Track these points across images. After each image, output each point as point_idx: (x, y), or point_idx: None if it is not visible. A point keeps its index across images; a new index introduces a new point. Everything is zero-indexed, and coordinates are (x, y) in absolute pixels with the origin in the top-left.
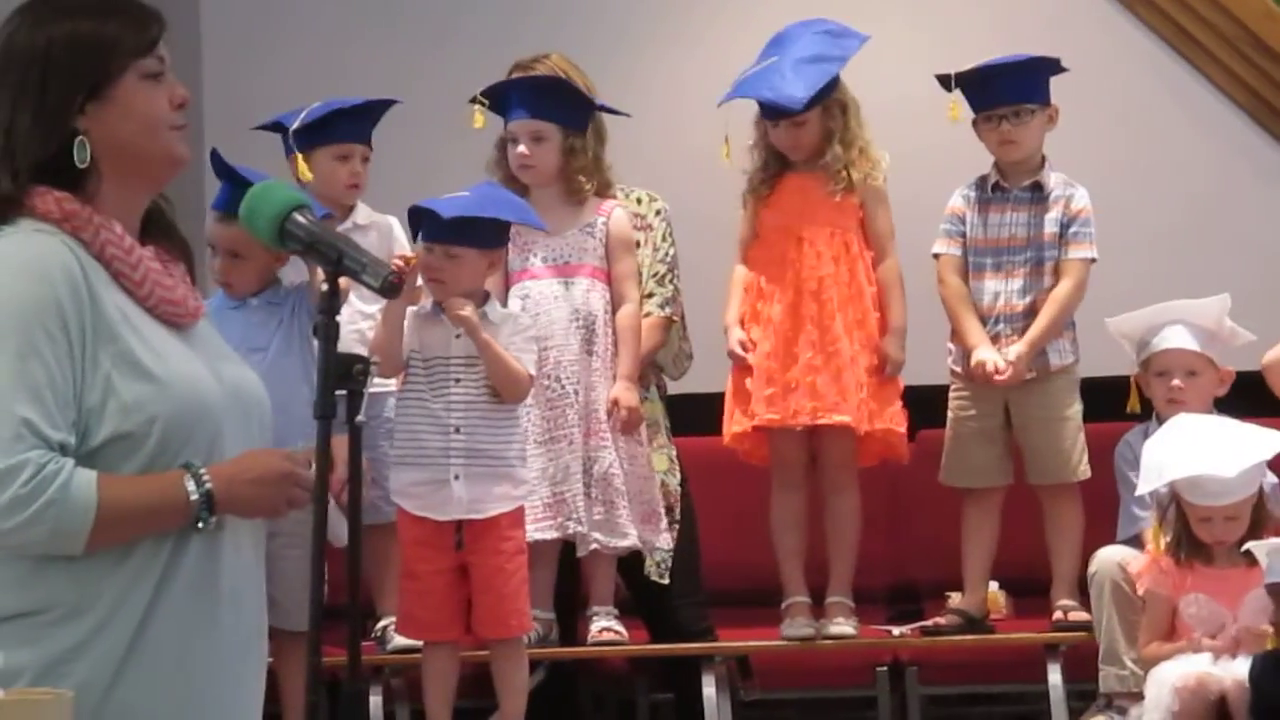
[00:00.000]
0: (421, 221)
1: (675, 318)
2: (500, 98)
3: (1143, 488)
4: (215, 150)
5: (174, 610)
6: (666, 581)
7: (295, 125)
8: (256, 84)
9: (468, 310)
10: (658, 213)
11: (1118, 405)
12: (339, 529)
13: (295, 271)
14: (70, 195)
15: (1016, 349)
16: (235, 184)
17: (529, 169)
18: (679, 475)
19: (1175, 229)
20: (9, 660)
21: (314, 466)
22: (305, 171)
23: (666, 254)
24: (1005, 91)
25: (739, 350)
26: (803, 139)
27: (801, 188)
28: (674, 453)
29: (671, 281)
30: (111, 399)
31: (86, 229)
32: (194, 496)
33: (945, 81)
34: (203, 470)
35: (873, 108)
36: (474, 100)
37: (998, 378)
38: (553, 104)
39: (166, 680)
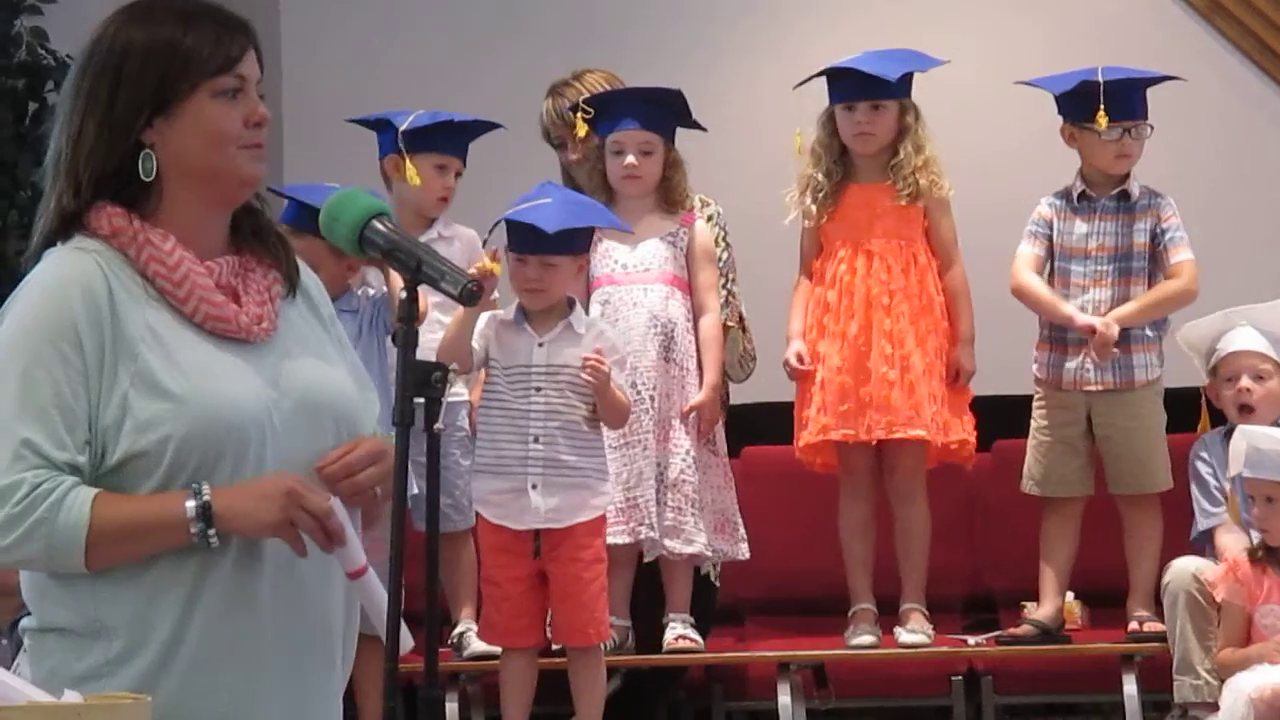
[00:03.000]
0: (513, 232)
1: (730, 322)
2: (605, 107)
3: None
4: (270, 188)
5: (207, 629)
6: (718, 584)
7: (405, 126)
8: (335, 86)
9: (604, 369)
10: (709, 218)
11: (1196, 416)
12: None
13: (378, 279)
14: (122, 210)
15: (1107, 318)
16: (300, 204)
17: (635, 180)
18: None
19: (1254, 239)
20: (43, 672)
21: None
22: (414, 175)
23: (716, 258)
24: (1138, 106)
25: (794, 362)
26: (879, 126)
27: (866, 200)
28: None
29: (723, 287)
30: (128, 418)
31: (131, 245)
32: (190, 513)
33: (1094, 88)
34: (204, 486)
35: (947, 115)
36: (575, 108)
37: (1097, 336)
38: (663, 116)
39: (200, 699)
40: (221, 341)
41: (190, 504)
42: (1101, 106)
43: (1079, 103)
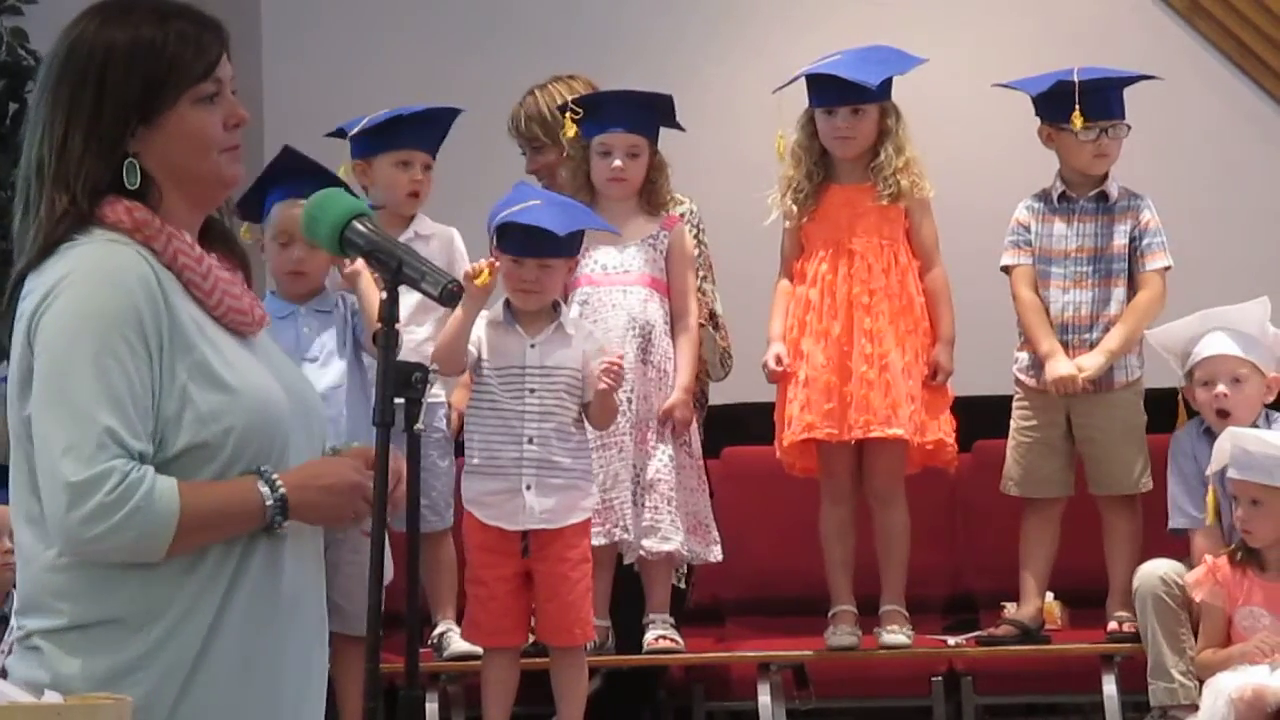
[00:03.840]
0: (512, 235)
1: (700, 320)
2: (593, 108)
3: (1212, 467)
4: (289, 147)
5: (239, 618)
6: (683, 586)
7: (354, 131)
8: (317, 89)
9: (623, 373)
10: (683, 215)
11: (1174, 417)
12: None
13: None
14: (140, 205)
15: (1095, 360)
16: (311, 175)
17: (621, 182)
18: None
19: (1235, 239)
20: (78, 668)
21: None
22: (346, 173)
23: (695, 262)
24: (1114, 106)
25: (773, 365)
26: (860, 129)
27: (848, 200)
28: None
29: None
30: (188, 409)
31: (158, 238)
32: (269, 501)
33: (1069, 88)
34: (275, 475)
35: (925, 117)
36: (563, 108)
37: (1075, 388)
38: (650, 118)
39: (233, 686)
40: (234, 336)
41: (266, 491)
42: (1078, 106)
43: (1055, 103)
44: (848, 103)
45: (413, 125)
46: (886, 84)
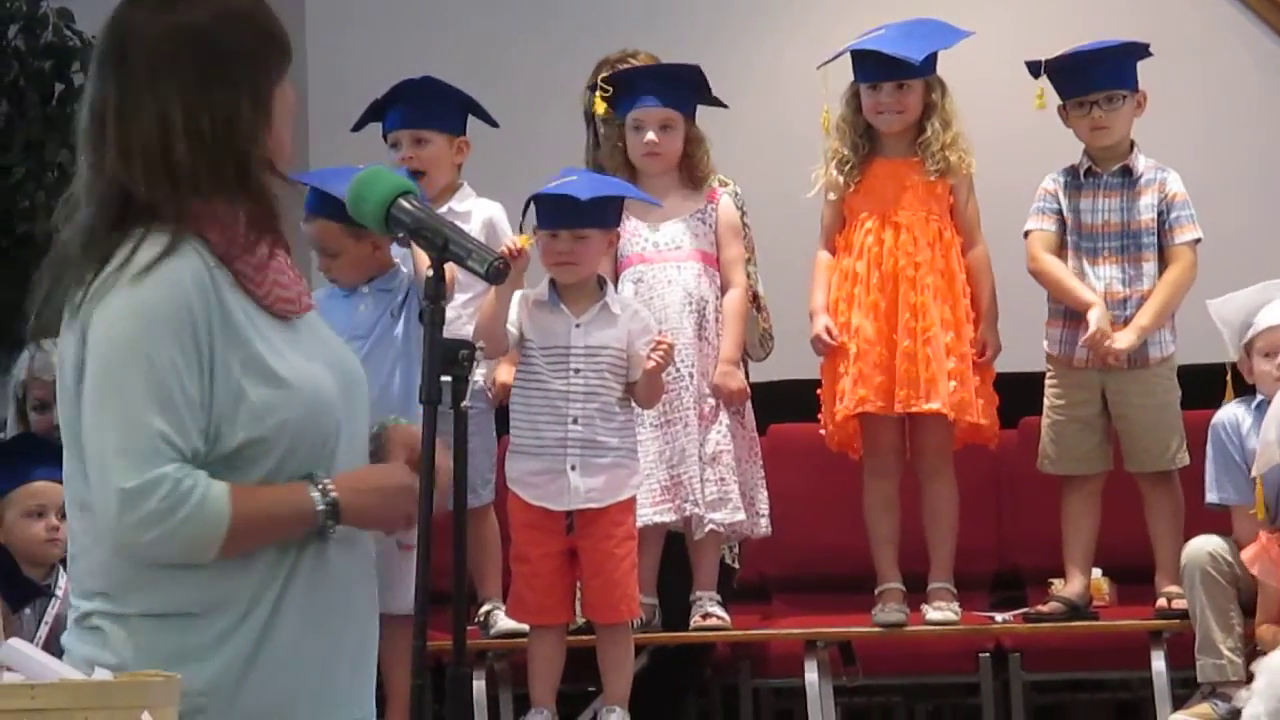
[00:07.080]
0: (543, 208)
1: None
2: (624, 85)
3: (1257, 469)
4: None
5: (296, 607)
6: (737, 566)
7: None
8: (360, 73)
9: (672, 353)
10: (731, 197)
11: (1213, 393)
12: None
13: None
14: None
15: (1128, 337)
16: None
17: (656, 157)
18: None
19: (1273, 211)
20: (142, 652)
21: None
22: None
23: (742, 234)
24: (1097, 78)
25: (825, 337)
26: (906, 102)
27: (894, 173)
28: None
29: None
30: (243, 404)
31: (212, 230)
32: (320, 506)
33: (1034, 68)
34: (326, 480)
35: (961, 94)
36: (594, 87)
37: (1110, 360)
38: (682, 92)
39: (291, 675)
40: (279, 321)
41: (316, 496)
42: (1042, 86)
43: (1057, 80)
44: (893, 78)
45: (389, 108)
46: (931, 59)
